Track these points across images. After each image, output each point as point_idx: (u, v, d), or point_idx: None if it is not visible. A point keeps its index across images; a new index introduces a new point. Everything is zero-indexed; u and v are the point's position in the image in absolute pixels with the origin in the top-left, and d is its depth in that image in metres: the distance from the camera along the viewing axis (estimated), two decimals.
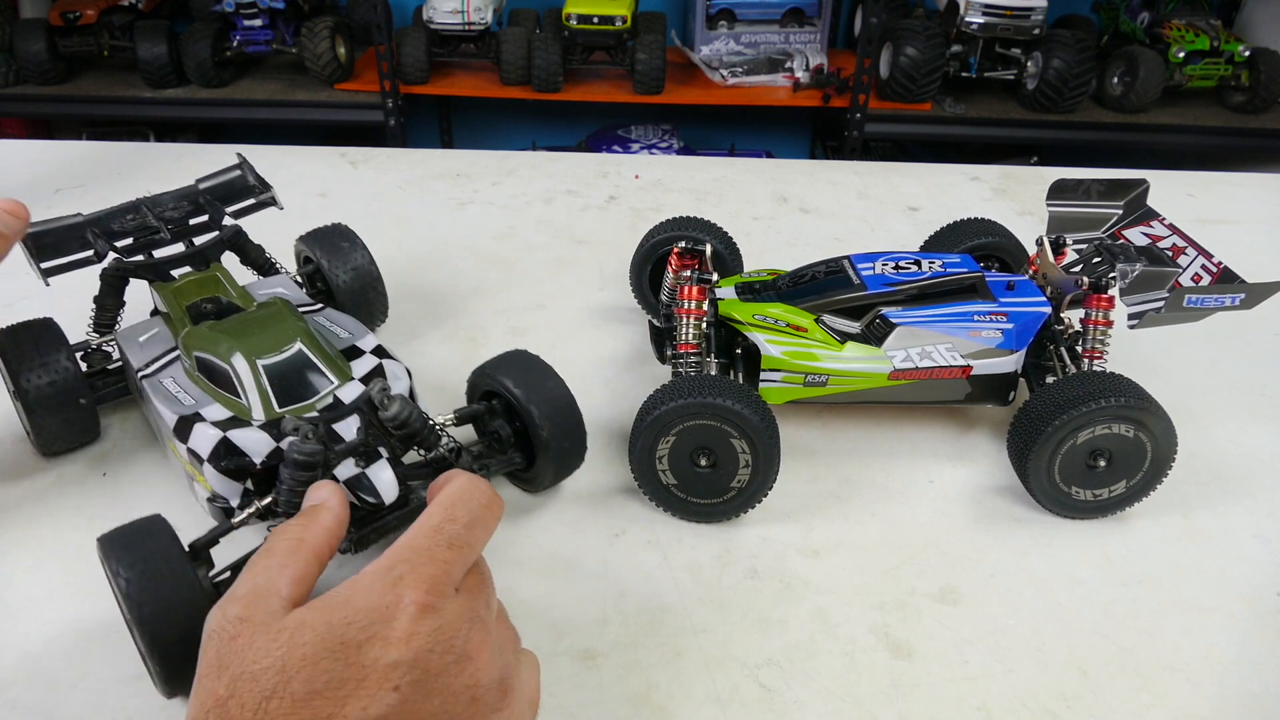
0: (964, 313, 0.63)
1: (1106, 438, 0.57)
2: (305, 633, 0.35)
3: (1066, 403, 0.57)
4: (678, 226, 0.74)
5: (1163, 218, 0.71)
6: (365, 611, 0.35)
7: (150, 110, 2.23)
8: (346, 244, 0.73)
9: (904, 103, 2.15)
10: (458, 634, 0.36)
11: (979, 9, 2.07)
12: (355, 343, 0.60)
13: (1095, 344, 0.64)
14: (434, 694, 0.35)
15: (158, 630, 0.44)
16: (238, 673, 0.34)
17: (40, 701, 0.48)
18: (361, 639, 0.34)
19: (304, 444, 0.49)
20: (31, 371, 0.62)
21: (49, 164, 1.09)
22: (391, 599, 0.36)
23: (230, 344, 0.55)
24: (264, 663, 0.34)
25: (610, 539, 0.58)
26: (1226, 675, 0.51)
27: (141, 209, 0.68)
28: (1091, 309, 0.64)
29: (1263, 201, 1.08)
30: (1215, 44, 2.14)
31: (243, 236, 0.70)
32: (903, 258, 0.66)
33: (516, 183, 1.07)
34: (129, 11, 2.24)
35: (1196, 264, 0.67)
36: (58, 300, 0.70)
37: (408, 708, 0.34)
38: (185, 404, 0.55)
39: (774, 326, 0.63)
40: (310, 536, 0.41)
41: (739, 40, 2.37)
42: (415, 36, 2.15)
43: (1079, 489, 0.59)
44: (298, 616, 0.36)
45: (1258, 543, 0.60)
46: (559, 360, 0.75)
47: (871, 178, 1.10)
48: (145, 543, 0.46)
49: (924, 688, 0.49)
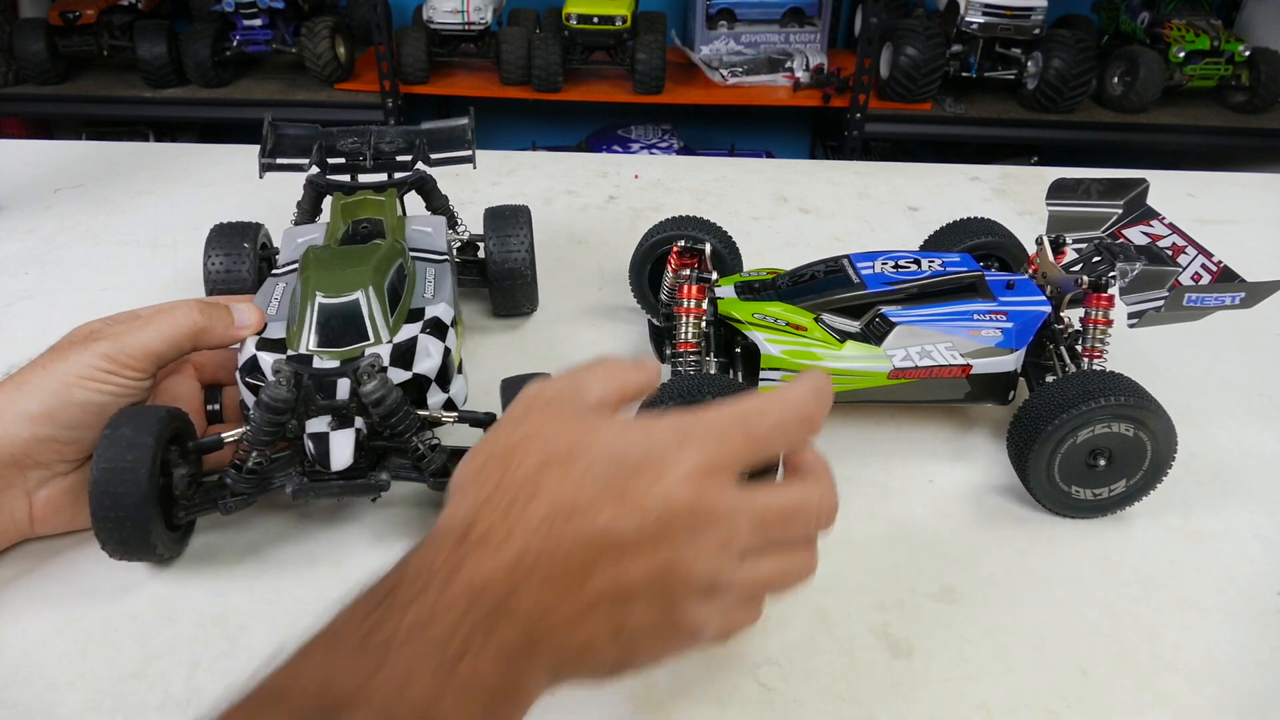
0: (964, 312, 0.63)
1: (1106, 436, 0.57)
2: (595, 435, 0.38)
3: (1066, 402, 0.57)
4: (677, 226, 0.74)
5: (1163, 217, 0.71)
6: (646, 448, 0.37)
7: (150, 110, 2.23)
8: (513, 231, 0.75)
9: (904, 103, 2.15)
10: (709, 516, 0.37)
11: (979, 9, 2.07)
12: (428, 307, 0.59)
13: (1095, 343, 0.64)
14: (659, 548, 0.36)
15: (102, 491, 0.48)
16: (529, 433, 0.38)
17: (39, 701, 0.47)
18: (633, 466, 0.37)
19: (275, 389, 0.50)
20: (214, 257, 0.72)
21: (49, 164, 1.09)
22: (673, 451, 0.37)
23: (310, 273, 0.56)
24: (556, 444, 0.38)
25: None
26: (1226, 675, 0.51)
27: (368, 134, 0.74)
28: (1091, 308, 0.64)
29: (1263, 201, 1.07)
30: (1215, 44, 2.14)
31: (430, 182, 0.75)
32: (902, 256, 0.66)
33: (516, 182, 1.07)
34: (129, 11, 2.23)
35: (1196, 263, 0.66)
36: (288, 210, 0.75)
37: (638, 547, 0.36)
38: (269, 312, 0.58)
39: (774, 325, 0.63)
40: (631, 380, 0.43)
41: (739, 40, 2.37)
42: (415, 36, 2.15)
43: (1079, 488, 0.59)
44: (595, 422, 0.39)
45: (1258, 543, 0.60)
46: (558, 360, 0.75)
47: (871, 178, 1.10)
48: (140, 418, 0.50)
49: (923, 687, 0.49)
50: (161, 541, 0.51)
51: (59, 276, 0.86)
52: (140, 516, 0.49)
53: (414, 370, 0.55)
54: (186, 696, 0.48)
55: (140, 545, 0.50)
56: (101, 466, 0.48)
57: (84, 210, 0.98)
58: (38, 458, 0.52)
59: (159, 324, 0.55)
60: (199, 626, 0.52)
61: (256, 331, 0.57)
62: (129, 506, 0.49)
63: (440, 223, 0.71)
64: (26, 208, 0.98)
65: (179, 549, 0.55)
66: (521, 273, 0.75)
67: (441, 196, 0.77)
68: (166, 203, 1.00)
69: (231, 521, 0.58)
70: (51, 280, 0.85)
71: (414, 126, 0.76)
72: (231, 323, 0.56)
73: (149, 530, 0.50)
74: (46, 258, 0.89)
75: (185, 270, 0.86)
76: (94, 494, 0.48)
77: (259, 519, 0.58)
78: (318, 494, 0.54)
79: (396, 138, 0.74)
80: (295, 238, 0.68)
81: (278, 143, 0.74)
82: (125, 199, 1.01)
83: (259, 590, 0.54)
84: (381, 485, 0.54)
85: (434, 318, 0.58)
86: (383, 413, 0.52)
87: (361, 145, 0.73)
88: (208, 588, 0.54)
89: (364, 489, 0.54)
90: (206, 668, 0.49)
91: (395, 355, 0.55)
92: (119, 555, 0.51)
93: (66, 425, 0.52)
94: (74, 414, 0.52)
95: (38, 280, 0.85)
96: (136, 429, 0.50)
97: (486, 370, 0.73)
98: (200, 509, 0.54)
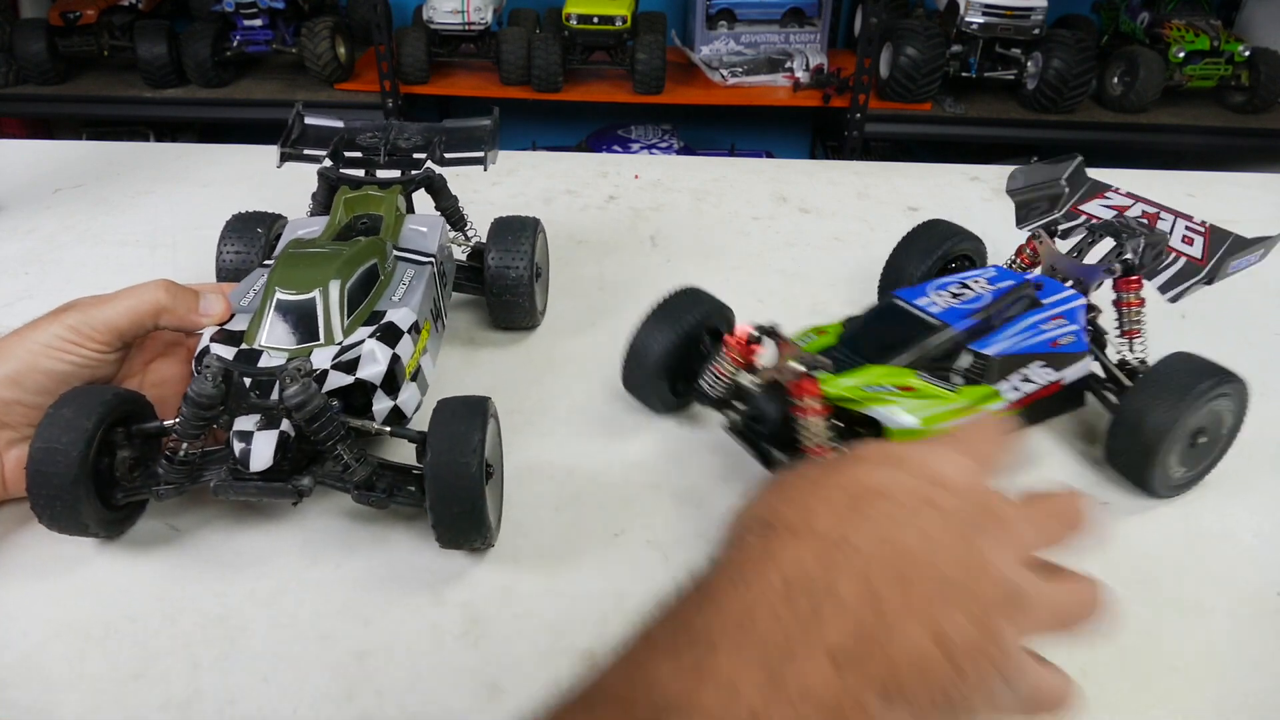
0: (1034, 325, 0.60)
1: (1208, 414, 0.59)
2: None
3: (1182, 389, 0.58)
4: (684, 308, 0.64)
5: (1118, 188, 0.72)
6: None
7: (150, 110, 2.23)
8: (516, 245, 0.72)
9: (904, 103, 2.14)
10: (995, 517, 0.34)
11: (979, 9, 2.07)
12: (390, 311, 0.59)
13: (1132, 324, 0.66)
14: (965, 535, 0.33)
15: (36, 469, 0.50)
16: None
17: (39, 701, 0.48)
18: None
19: (202, 384, 0.50)
20: (227, 243, 0.72)
21: (49, 164, 1.09)
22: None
23: (277, 268, 0.57)
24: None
25: (610, 539, 0.58)
26: (1226, 675, 0.51)
27: (389, 130, 0.74)
28: (1123, 291, 0.65)
29: (1263, 201, 1.07)
30: (1215, 44, 2.14)
31: (439, 181, 0.74)
32: (949, 283, 0.63)
33: (516, 182, 1.07)
34: (129, 11, 2.23)
35: (1180, 227, 0.69)
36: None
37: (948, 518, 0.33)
38: (241, 303, 0.59)
39: (891, 394, 0.54)
40: (987, 446, 0.38)
41: (739, 40, 2.37)
42: (415, 36, 2.15)
43: (1183, 469, 0.61)
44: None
45: (1258, 542, 0.60)
46: (557, 359, 0.75)
47: (871, 178, 1.10)
48: (83, 399, 0.52)
49: None
50: (95, 521, 0.52)
51: (59, 276, 0.86)
52: (70, 496, 0.50)
53: (356, 375, 0.55)
54: (187, 697, 0.48)
55: (71, 522, 0.52)
56: (38, 445, 0.50)
57: (84, 210, 0.98)
58: (5, 419, 0.55)
59: (124, 299, 0.57)
60: (200, 627, 0.52)
61: (220, 322, 0.58)
62: (59, 486, 0.50)
63: (438, 223, 0.70)
64: (26, 208, 0.98)
65: (118, 529, 0.56)
66: (519, 289, 0.72)
67: (451, 196, 0.76)
68: (166, 203, 1.00)
69: (232, 522, 0.58)
70: (51, 280, 0.85)
71: (436, 124, 0.76)
72: (195, 308, 0.58)
73: (79, 509, 0.51)
74: (46, 258, 0.89)
75: (185, 270, 0.86)
76: (29, 471, 0.50)
77: (259, 520, 0.58)
78: (236, 492, 0.53)
79: (415, 134, 0.74)
80: (296, 229, 0.68)
81: (301, 133, 0.74)
82: (125, 199, 1.01)
83: (259, 591, 0.54)
84: (302, 490, 0.53)
85: (389, 323, 0.58)
86: (304, 417, 0.51)
87: (379, 141, 0.73)
88: (208, 588, 0.54)
89: (281, 492, 0.53)
90: (207, 668, 0.49)
91: (340, 359, 0.55)
92: (54, 529, 0.53)
93: (32, 391, 0.54)
94: (39, 380, 0.55)
95: (38, 280, 0.85)
96: (77, 411, 0.51)
97: (474, 379, 0.74)
98: (137, 493, 0.54)
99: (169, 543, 0.57)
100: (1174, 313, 0.82)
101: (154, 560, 0.56)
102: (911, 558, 0.31)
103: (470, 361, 0.74)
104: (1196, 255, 0.67)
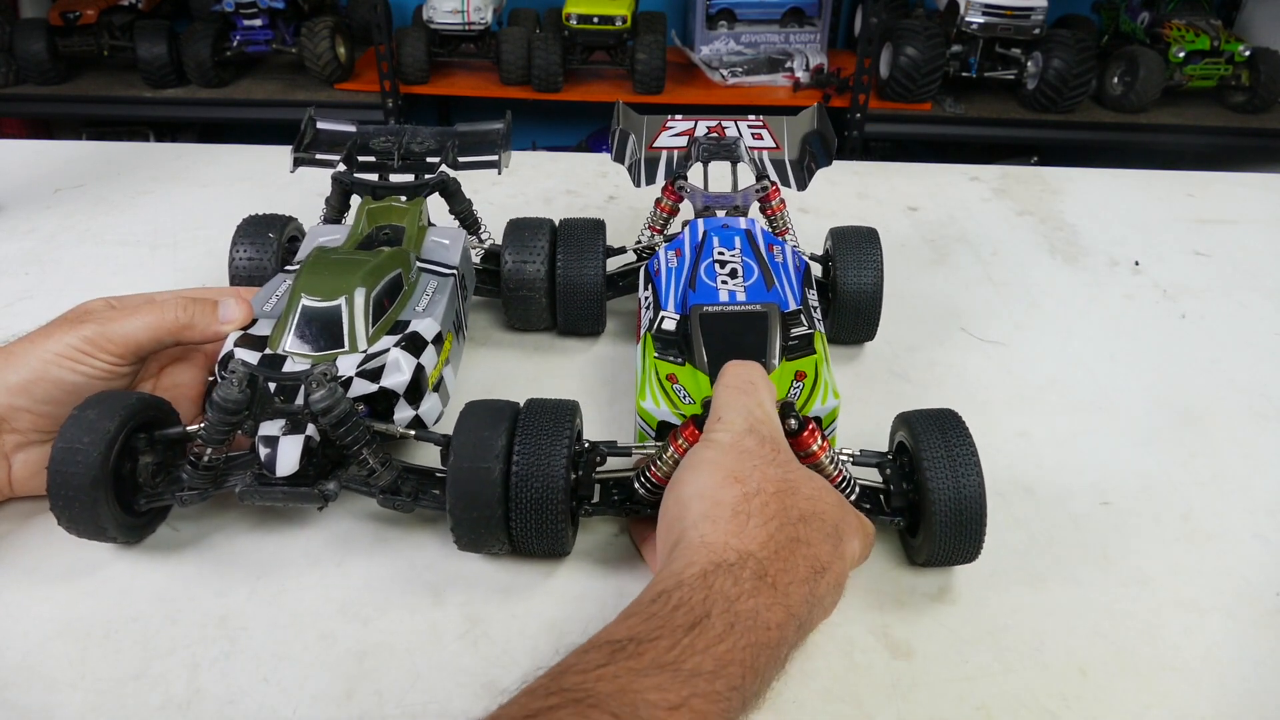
0: (784, 263, 0.66)
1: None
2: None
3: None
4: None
5: (675, 115, 0.80)
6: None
7: (150, 110, 2.23)
8: (531, 246, 0.72)
9: (904, 103, 2.15)
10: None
11: (979, 9, 2.07)
12: (414, 321, 0.59)
13: (786, 224, 0.74)
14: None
15: (57, 470, 0.50)
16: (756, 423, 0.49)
17: (39, 701, 0.48)
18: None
19: (227, 389, 0.49)
20: (240, 247, 0.71)
21: (49, 164, 1.09)
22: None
23: (303, 275, 0.57)
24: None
25: (610, 538, 0.58)
26: (1226, 675, 0.51)
27: (403, 134, 0.74)
28: (770, 200, 0.73)
29: (1263, 201, 1.07)
30: (1215, 44, 2.14)
31: (453, 185, 0.74)
32: (714, 271, 0.64)
33: (516, 183, 1.07)
34: (129, 11, 2.23)
35: (745, 130, 0.78)
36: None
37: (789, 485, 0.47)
38: (264, 308, 0.59)
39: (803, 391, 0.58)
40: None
41: (739, 40, 2.37)
42: (415, 36, 2.15)
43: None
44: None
45: (1258, 543, 0.60)
46: (556, 359, 0.75)
47: (871, 178, 1.10)
48: (107, 403, 0.52)
49: (923, 688, 0.49)
50: (113, 525, 0.52)
51: (59, 276, 0.86)
52: (89, 499, 0.50)
53: (381, 384, 0.55)
54: (187, 698, 0.48)
55: (89, 525, 0.52)
56: (60, 446, 0.50)
57: (84, 210, 0.98)
58: (13, 424, 0.54)
59: (145, 316, 0.57)
60: (200, 627, 0.52)
61: (242, 327, 0.57)
62: (79, 487, 0.50)
63: (459, 235, 0.70)
64: (26, 208, 0.98)
65: (138, 536, 0.55)
66: (535, 289, 0.72)
67: (465, 200, 0.76)
68: (166, 203, 1.00)
69: (232, 523, 0.58)
70: (51, 280, 0.85)
71: (449, 128, 0.76)
72: (215, 320, 0.58)
73: (98, 512, 0.51)
74: (46, 258, 0.89)
75: (186, 270, 0.86)
76: (50, 471, 0.50)
77: (260, 520, 0.58)
78: (262, 498, 0.53)
79: (429, 139, 0.74)
80: (318, 236, 0.68)
81: (314, 138, 0.74)
82: (125, 199, 1.01)
83: (260, 591, 0.54)
84: (328, 495, 0.53)
85: (414, 332, 0.58)
86: (330, 422, 0.51)
87: (393, 145, 0.73)
88: (209, 588, 0.54)
89: (307, 497, 0.53)
90: (208, 668, 0.49)
91: (365, 366, 0.55)
92: (73, 532, 0.53)
93: (40, 399, 0.54)
94: (48, 389, 0.54)
95: (38, 280, 0.85)
96: (101, 413, 0.51)
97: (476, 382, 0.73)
98: (160, 499, 0.54)
99: (169, 544, 0.57)
100: (1174, 313, 0.82)
101: (154, 561, 0.56)
102: (792, 484, 0.47)
103: (477, 364, 0.74)
104: (771, 145, 0.76)
